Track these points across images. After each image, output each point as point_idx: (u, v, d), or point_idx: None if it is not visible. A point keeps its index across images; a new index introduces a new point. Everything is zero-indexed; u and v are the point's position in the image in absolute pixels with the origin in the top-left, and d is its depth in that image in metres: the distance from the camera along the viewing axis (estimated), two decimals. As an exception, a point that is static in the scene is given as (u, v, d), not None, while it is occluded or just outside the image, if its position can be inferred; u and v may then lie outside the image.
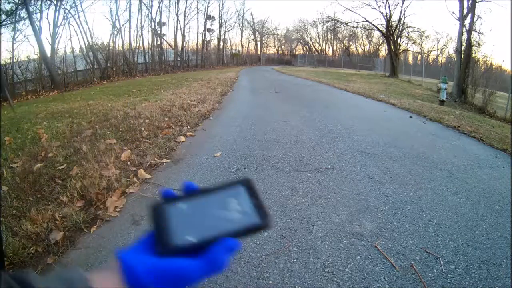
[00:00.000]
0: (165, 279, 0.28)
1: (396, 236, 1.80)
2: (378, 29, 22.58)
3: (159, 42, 21.55)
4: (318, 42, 38.00)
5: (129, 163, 2.88)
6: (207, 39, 27.87)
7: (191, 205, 0.33)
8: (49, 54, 13.98)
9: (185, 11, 23.73)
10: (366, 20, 22.72)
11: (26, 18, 13.26)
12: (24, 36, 13.59)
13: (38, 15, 13.72)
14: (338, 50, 38.00)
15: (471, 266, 1.56)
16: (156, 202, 0.33)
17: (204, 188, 0.34)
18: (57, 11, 14.41)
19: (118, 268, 0.29)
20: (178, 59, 23.05)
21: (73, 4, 15.17)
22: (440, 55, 28.50)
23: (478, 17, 10.77)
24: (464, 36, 10.89)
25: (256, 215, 0.32)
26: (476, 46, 10.88)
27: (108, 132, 3.81)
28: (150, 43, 20.83)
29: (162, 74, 18.49)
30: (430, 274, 1.50)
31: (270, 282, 1.46)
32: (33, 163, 2.86)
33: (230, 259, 0.31)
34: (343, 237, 1.79)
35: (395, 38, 21.21)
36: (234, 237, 0.31)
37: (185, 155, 3.17)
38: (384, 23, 21.28)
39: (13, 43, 12.90)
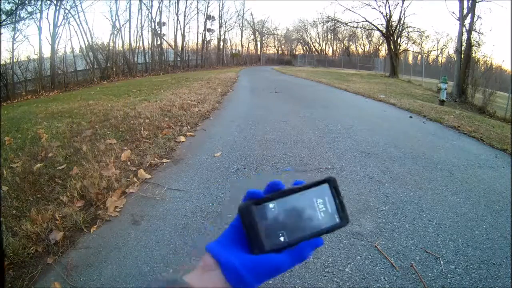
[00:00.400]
0: (262, 274, 0.30)
1: (396, 236, 1.80)
2: (378, 29, 22.59)
3: (159, 42, 21.54)
4: (318, 42, 38.01)
5: (129, 163, 2.88)
6: (207, 39, 27.88)
7: (279, 205, 0.33)
8: (49, 54, 14.00)
9: (185, 11, 23.74)
10: (366, 20, 22.74)
11: (26, 18, 13.28)
12: (24, 36, 13.59)
13: (38, 15, 13.73)
14: (338, 50, 38.02)
15: (471, 266, 1.56)
16: (245, 203, 0.33)
17: (291, 188, 0.34)
18: (57, 11, 14.39)
19: (215, 266, 0.29)
20: (178, 59, 23.03)
21: (73, 4, 15.16)
22: (440, 55, 28.51)
23: (478, 17, 10.78)
24: (464, 36, 10.89)
25: (337, 215, 0.34)
26: (476, 46, 10.89)
27: (108, 132, 3.81)
28: (150, 43, 20.84)
29: (162, 74, 18.48)
30: (430, 274, 1.50)
31: (270, 282, 1.46)
32: (33, 163, 2.86)
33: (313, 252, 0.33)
34: (343, 237, 1.79)
35: (395, 38, 21.22)
36: (318, 235, 0.33)
37: (185, 155, 3.17)
38: (384, 23, 21.30)
39: (13, 43, 12.89)
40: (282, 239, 0.32)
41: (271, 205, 0.33)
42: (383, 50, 30.99)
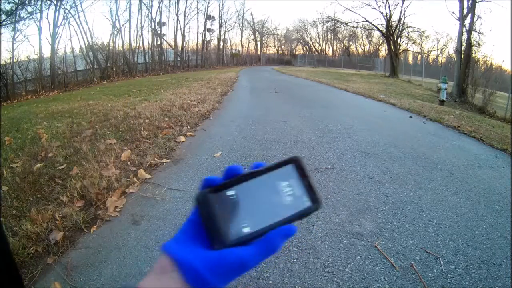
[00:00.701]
0: (226, 272, 0.26)
1: (396, 236, 1.80)
2: (378, 29, 22.59)
3: (159, 42, 21.55)
4: (318, 42, 38.03)
5: (129, 163, 2.88)
6: (207, 39, 27.89)
7: (240, 191, 0.30)
8: (49, 54, 14.00)
9: (185, 11, 23.75)
10: (366, 20, 22.76)
11: (26, 18, 13.28)
12: (24, 36, 13.59)
13: (38, 15, 13.73)
14: (338, 50, 38.03)
15: (471, 266, 1.56)
16: (201, 192, 0.30)
17: (251, 172, 0.31)
18: (57, 11, 14.39)
19: (172, 267, 0.26)
20: (178, 59, 23.04)
21: (73, 4, 15.16)
22: (440, 55, 28.53)
23: (478, 17, 10.79)
24: (464, 36, 10.89)
25: (307, 198, 0.30)
26: (476, 46, 10.89)
27: (108, 132, 3.81)
28: (150, 43, 20.84)
29: (162, 74, 18.48)
30: (430, 274, 1.50)
31: (270, 282, 1.46)
32: (33, 163, 2.86)
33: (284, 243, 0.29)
34: (343, 237, 1.79)
35: (395, 38, 21.22)
36: (288, 223, 0.29)
37: (185, 155, 3.17)
38: (384, 23, 21.31)
39: (13, 43, 12.89)
40: (246, 230, 0.28)
41: (230, 192, 0.30)
42: (383, 50, 31.01)
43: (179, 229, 0.29)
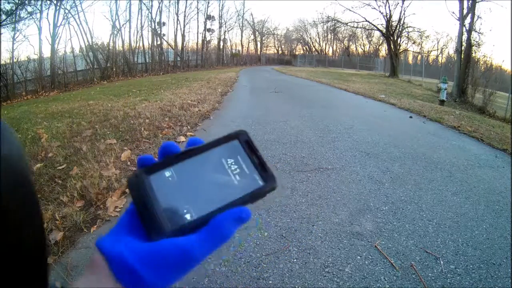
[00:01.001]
0: (165, 266, 0.22)
1: (396, 236, 1.80)
2: (378, 29, 22.61)
3: (159, 42, 21.55)
4: (318, 42, 38.05)
5: (129, 163, 2.88)
6: (207, 39, 27.90)
7: (178, 172, 0.26)
8: (49, 54, 14.00)
9: (185, 11, 23.75)
10: (366, 20, 22.79)
11: (26, 18, 13.28)
12: (24, 36, 13.59)
13: (38, 15, 13.73)
14: (338, 50, 38.04)
15: (471, 266, 1.56)
16: (134, 173, 0.25)
17: (190, 149, 0.27)
18: (57, 11, 14.39)
19: (103, 262, 0.22)
20: (178, 59, 23.04)
21: (73, 4, 15.16)
22: (440, 55, 28.56)
23: (478, 17, 10.80)
24: (464, 36, 10.90)
25: (258, 176, 0.27)
26: (476, 46, 10.90)
27: (108, 132, 3.81)
28: (150, 43, 20.84)
29: (162, 74, 18.49)
30: (430, 274, 1.50)
31: (270, 282, 1.46)
32: (33, 163, 2.86)
33: (237, 230, 0.25)
34: (343, 237, 1.79)
35: (395, 38, 21.23)
36: (239, 205, 0.25)
37: (185, 155, 3.16)
38: (384, 23, 21.32)
39: (13, 43, 12.88)
40: (188, 216, 0.24)
41: (167, 173, 0.26)
42: (383, 50, 31.02)
43: (116, 222, 0.26)
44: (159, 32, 21.55)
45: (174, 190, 0.25)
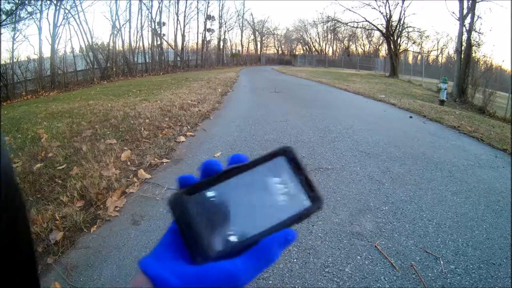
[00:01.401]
0: None
1: (396, 236, 1.80)
2: (378, 29, 22.60)
3: (159, 42, 21.55)
4: (318, 42, 38.06)
5: (129, 163, 2.88)
6: (207, 39, 27.92)
7: (222, 192, 0.25)
8: (49, 54, 13.99)
9: (185, 11, 23.76)
10: (366, 20, 22.78)
11: (26, 18, 13.28)
12: (24, 36, 13.59)
13: (38, 15, 13.73)
14: (338, 50, 38.05)
15: (471, 266, 1.56)
16: (175, 194, 0.25)
17: (233, 167, 0.26)
18: (57, 11, 14.39)
19: (148, 284, 0.23)
20: (178, 59, 23.04)
21: (73, 4, 15.16)
22: (440, 55, 28.55)
23: (478, 17, 10.79)
24: (464, 36, 10.89)
25: (305, 195, 0.25)
26: (476, 46, 10.89)
27: (108, 132, 3.81)
28: (150, 43, 20.84)
29: (162, 74, 18.49)
30: (430, 274, 1.50)
31: (270, 282, 1.46)
32: (33, 163, 2.86)
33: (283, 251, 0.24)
34: (343, 237, 1.79)
35: (395, 38, 21.23)
36: (285, 227, 0.24)
37: (185, 155, 3.17)
38: (384, 23, 21.32)
39: (13, 43, 12.88)
40: (232, 238, 0.23)
41: (210, 193, 0.25)
42: (383, 50, 31.03)
43: (159, 241, 0.25)
44: (159, 32, 21.56)
45: (218, 211, 0.24)
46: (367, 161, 3.02)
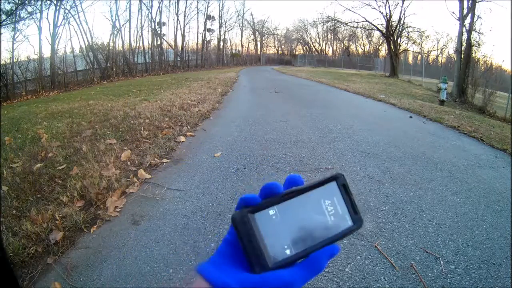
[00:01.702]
0: None
1: (396, 236, 1.80)
2: (378, 29, 22.59)
3: (159, 42, 21.54)
4: (318, 42, 38.04)
5: (129, 163, 2.88)
6: (207, 39, 27.90)
7: (281, 211, 0.28)
8: (49, 54, 13.99)
9: (185, 11, 23.75)
10: (366, 20, 22.77)
11: (26, 18, 13.28)
12: (24, 36, 13.58)
13: (38, 15, 13.72)
14: (338, 50, 38.04)
15: (471, 266, 1.56)
16: (239, 212, 0.28)
17: (293, 190, 0.29)
18: (57, 11, 14.38)
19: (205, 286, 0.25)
20: (178, 59, 23.03)
21: (73, 4, 15.14)
22: (440, 55, 28.54)
23: (478, 17, 10.78)
24: (464, 36, 10.89)
25: (349, 217, 0.30)
26: (476, 46, 10.88)
27: (108, 132, 3.81)
28: (150, 43, 20.83)
29: (162, 74, 18.48)
30: (430, 274, 1.50)
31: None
32: (33, 163, 2.86)
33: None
34: (343, 237, 1.79)
35: (395, 38, 21.22)
36: (331, 243, 0.28)
37: (185, 155, 3.17)
38: (384, 23, 21.31)
39: (13, 43, 12.86)
40: (288, 252, 0.27)
41: (271, 211, 0.28)
42: (383, 50, 31.03)
43: (216, 250, 0.28)
44: (159, 32, 21.55)
45: (276, 227, 0.28)
46: (367, 161, 3.02)
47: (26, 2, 12.93)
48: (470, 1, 10.75)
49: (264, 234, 0.27)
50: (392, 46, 20.79)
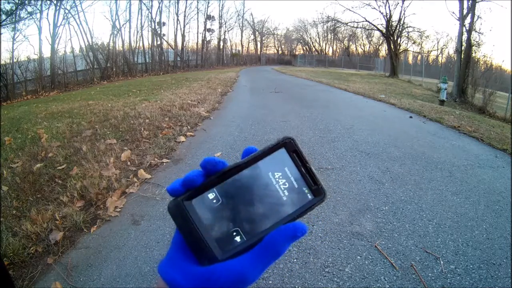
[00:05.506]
0: None
1: (396, 236, 1.80)
2: (378, 29, 22.59)
3: (159, 42, 21.54)
4: (318, 42, 38.03)
5: (129, 163, 2.88)
6: (207, 39, 27.89)
7: (222, 192, 0.24)
8: (49, 54, 13.99)
9: (185, 11, 23.75)
10: (366, 20, 22.77)
11: (26, 18, 13.28)
12: (24, 36, 13.59)
13: (38, 15, 13.73)
14: (338, 50, 38.04)
15: (471, 266, 1.56)
16: (174, 200, 0.24)
17: (234, 165, 0.25)
18: (57, 11, 14.39)
19: (163, 285, 0.23)
20: (178, 59, 23.03)
21: (73, 4, 15.16)
22: (440, 55, 28.52)
23: (478, 17, 10.78)
24: (464, 36, 10.88)
25: (308, 189, 0.25)
26: (476, 46, 10.88)
27: (108, 132, 3.81)
28: (150, 43, 20.84)
29: (162, 74, 18.48)
30: (430, 274, 1.50)
31: (270, 282, 1.46)
32: (33, 163, 2.86)
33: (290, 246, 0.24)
34: (343, 237, 1.79)
35: (395, 38, 21.22)
36: (290, 222, 0.24)
37: (185, 155, 3.17)
38: (384, 23, 21.31)
39: (13, 43, 12.87)
40: (238, 238, 0.24)
41: (210, 195, 0.24)
42: (383, 50, 31.03)
43: (170, 243, 0.26)
44: (159, 32, 21.55)
45: (219, 212, 0.24)
46: (367, 161, 3.02)
47: (26, 2, 12.94)
48: (470, 1, 10.75)
49: (206, 222, 0.24)
50: (392, 46, 20.79)
